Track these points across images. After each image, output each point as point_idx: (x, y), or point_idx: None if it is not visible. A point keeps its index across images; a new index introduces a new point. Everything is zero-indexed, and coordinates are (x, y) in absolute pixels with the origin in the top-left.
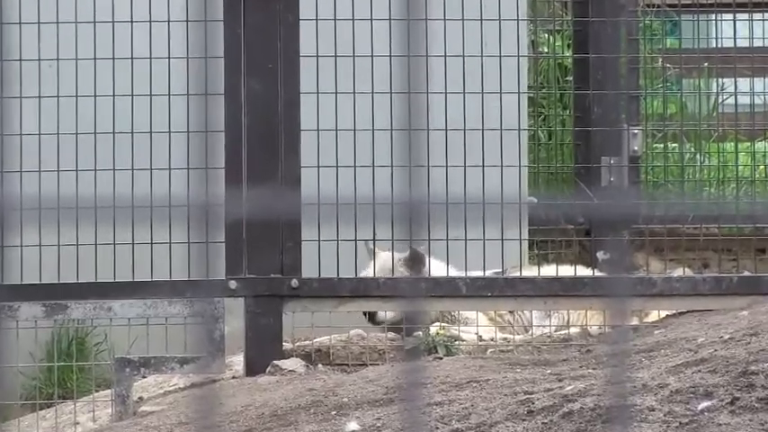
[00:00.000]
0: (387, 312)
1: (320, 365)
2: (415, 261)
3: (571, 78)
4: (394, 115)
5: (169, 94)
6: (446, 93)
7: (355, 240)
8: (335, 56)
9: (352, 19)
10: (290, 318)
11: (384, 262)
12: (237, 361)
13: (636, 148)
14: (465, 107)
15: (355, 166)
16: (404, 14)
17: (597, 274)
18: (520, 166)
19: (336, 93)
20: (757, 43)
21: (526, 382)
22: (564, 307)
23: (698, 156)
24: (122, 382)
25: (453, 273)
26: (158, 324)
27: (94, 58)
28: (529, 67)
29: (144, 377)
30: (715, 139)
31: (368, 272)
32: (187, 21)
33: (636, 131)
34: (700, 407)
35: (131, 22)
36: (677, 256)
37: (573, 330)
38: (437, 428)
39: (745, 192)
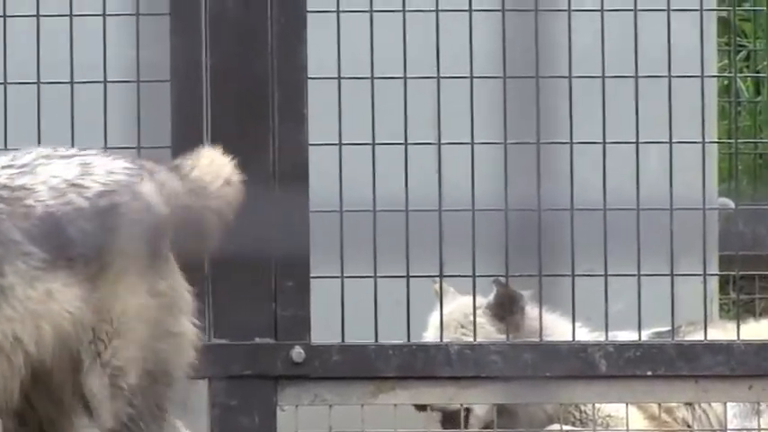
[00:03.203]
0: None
1: None
2: (508, 307)
3: None
4: (475, 53)
5: (71, 14)
6: (569, 10)
7: (407, 276)
8: None
9: None
10: (292, 415)
11: (461, 314)
12: None
13: None
14: (603, 36)
15: (406, 144)
16: None
17: None
18: (704, 143)
19: (372, 11)
20: None
21: None
22: None
23: None
24: None
25: (584, 335)
26: None
27: None
28: None
29: None
30: None
31: (430, 332)
32: None
33: None
34: None
35: None
36: None
37: None
38: None
39: None
